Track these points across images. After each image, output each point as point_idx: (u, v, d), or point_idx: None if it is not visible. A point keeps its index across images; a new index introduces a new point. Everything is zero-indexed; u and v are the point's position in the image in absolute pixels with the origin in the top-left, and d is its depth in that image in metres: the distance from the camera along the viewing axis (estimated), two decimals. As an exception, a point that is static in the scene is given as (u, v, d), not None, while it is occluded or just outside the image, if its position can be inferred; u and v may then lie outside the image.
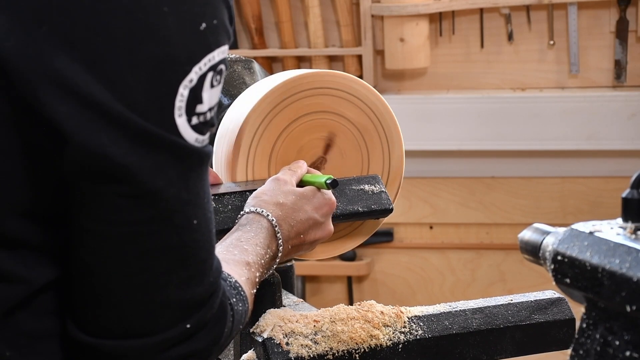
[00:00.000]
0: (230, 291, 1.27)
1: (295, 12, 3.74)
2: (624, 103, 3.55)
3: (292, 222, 1.51)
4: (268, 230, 1.48)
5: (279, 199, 1.52)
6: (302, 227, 1.52)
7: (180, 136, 1.10)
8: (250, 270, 1.38)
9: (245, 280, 1.35)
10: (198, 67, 1.10)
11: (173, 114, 1.09)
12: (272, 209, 1.50)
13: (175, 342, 1.14)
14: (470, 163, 3.73)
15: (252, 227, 1.47)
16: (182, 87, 1.09)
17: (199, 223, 1.13)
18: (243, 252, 1.41)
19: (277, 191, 1.53)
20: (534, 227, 1.30)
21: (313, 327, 1.54)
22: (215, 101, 1.14)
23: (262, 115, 1.67)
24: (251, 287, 1.36)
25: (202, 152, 1.13)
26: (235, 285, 1.30)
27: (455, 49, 3.70)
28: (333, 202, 1.58)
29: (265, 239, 1.46)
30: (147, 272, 1.11)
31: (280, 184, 1.55)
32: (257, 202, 1.51)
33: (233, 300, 1.26)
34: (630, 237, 1.12)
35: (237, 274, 1.34)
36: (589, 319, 1.15)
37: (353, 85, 1.72)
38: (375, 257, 3.86)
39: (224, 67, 1.14)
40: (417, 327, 1.59)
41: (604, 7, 3.57)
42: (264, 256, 1.44)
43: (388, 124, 1.76)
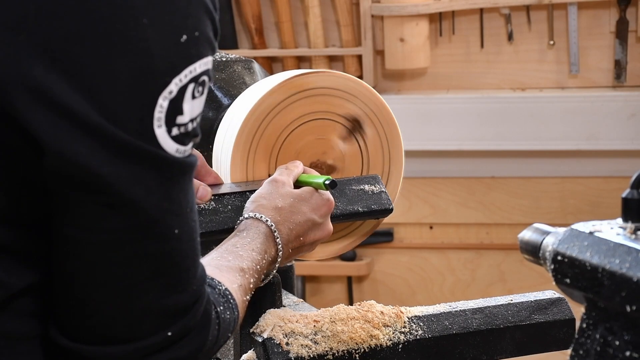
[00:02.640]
0: (218, 299, 1.27)
1: (295, 12, 3.74)
2: (624, 103, 3.55)
3: (291, 226, 1.51)
4: (266, 235, 1.48)
5: (277, 203, 1.51)
6: (301, 229, 1.52)
7: (159, 147, 1.10)
8: (244, 276, 1.38)
9: (237, 287, 1.35)
10: (178, 78, 1.09)
11: (152, 124, 1.09)
12: (270, 214, 1.50)
13: (156, 349, 1.14)
14: (470, 163, 3.73)
15: (249, 233, 1.47)
16: (161, 98, 1.09)
17: (180, 232, 1.14)
18: (237, 258, 1.40)
19: (274, 194, 1.53)
20: (534, 227, 1.30)
21: (313, 327, 1.54)
22: (198, 112, 1.14)
23: (262, 115, 1.67)
24: (244, 293, 1.36)
25: (184, 162, 1.13)
26: (224, 293, 1.30)
27: (455, 49, 3.70)
28: (331, 202, 1.58)
29: (263, 244, 1.46)
30: (127, 279, 1.12)
31: (278, 186, 1.55)
32: (256, 207, 1.51)
33: (220, 309, 1.26)
34: (630, 237, 1.12)
35: (228, 281, 1.33)
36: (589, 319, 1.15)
37: (345, 82, 1.72)
38: (375, 257, 3.86)
39: (206, 78, 1.14)
40: (417, 327, 1.59)
41: (604, 7, 3.57)
42: (260, 262, 1.44)
43: (386, 119, 1.76)
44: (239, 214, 1.58)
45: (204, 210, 1.59)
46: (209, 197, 1.60)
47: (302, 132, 1.70)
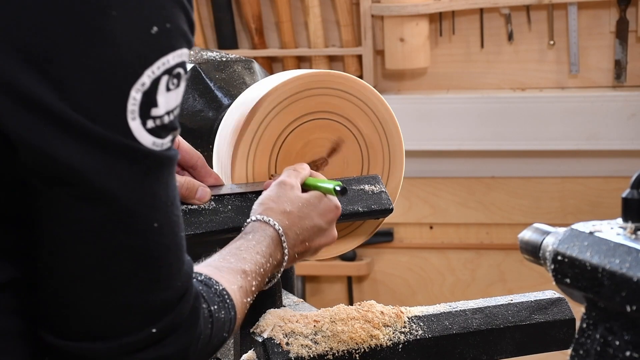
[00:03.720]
0: (213, 298, 1.26)
1: (295, 12, 3.74)
2: (624, 103, 3.55)
3: (298, 231, 1.50)
4: (273, 238, 1.47)
5: (286, 207, 1.50)
6: (308, 235, 1.52)
7: (134, 139, 1.09)
8: (245, 278, 1.37)
9: (237, 288, 1.33)
10: (150, 70, 1.09)
11: (125, 117, 1.08)
12: (279, 218, 1.49)
13: (140, 346, 1.14)
14: (470, 163, 3.73)
15: (255, 236, 1.46)
16: (134, 90, 1.08)
17: (161, 226, 1.13)
18: (240, 260, 1.39)
19: (283, 198, 1.52)
20: (534, 227, 1.30)
21: (313, 327, 1.54)
22: (174, 104, 1.13)
23: (263, 114, 1.67)
24: (244, 295, 1.35)
25: (162, 155, 1.12)
26: (221, 292, 1.28)
27: (455, 49, 3.70)
28: (339, 209, 1.56)
29: (268, 248, 1.45)
30: (105, 273, 1.11)
31: (287, 189, 1.53)
32: (264, 210, 1.50)
33: (214, 307, 1.25)
34: (630, 237, 1.13)
35: (227, 282, 1.32)
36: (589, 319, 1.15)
37: (344, 82, 1.72)
38: (375, 257, 3.86)
39: (181, 71, 1.13)
40: (417, 327, 1.59)
41: (604, 7, 3.57)
42: (263, 265, 1.42)
43: (385, 119, 1.76)
44: (239, 214, 1.58)
45: (204, 210, 1.59)
46: (208, 198, 1.59)
47: (303, 132, 1.70)
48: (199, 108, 1.90)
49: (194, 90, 1.90)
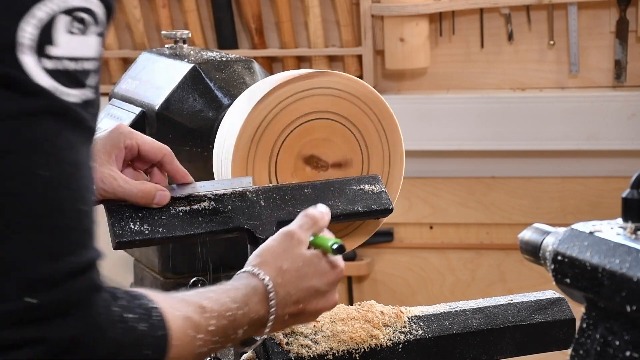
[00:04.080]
0: (133, 308, 1.16)
1: (295, 12, 3.74)
2: (624, 103, 3.55)
3: (292, 290, 1.37)
4: (256, 290, 1.34)
5: (283, 265, 1.37)
6: (303, 296, 1.38)
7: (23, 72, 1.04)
8: (201, 314, 1.25)
9: (181, 316, 1.22)
10: (43, 4, 1.04)
11: (14, 49, 1.03)
12: (272, 274, 1.36)
13: (16, 318, 1.04)
14: (470, 163, 3.73)
15: (234, 283, 1.34)
16: (23, 22, 1.04)
17: (50, 177, 1.05)
18: (201, 296, 1.28)
19: (284, 254, 1.39)
20: (534, 227, 1.30)
21: (313, 327, 1.54)
22: (80, 53, 1.08)
23: (263, 114, 1.67)
24: (192, 327, 1.23)
25: (64, 103, 1.06)
26: (148, 308, 1.18)
27: (455, 49, 3.70)
28: (341, 270, 1.42)
29: (245, 297, 1.32)
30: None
31: (293, 245, 1.40)
32: (259, 263, 1.38)
33: (129, 316, 1.14)
34: (630, 237, 1.13)
35: (168, 306, 1.21)
36: (589, 319, 1.15)
37: (344, 82, 1.72)
38: (375, 257, 3.86)
39: (86, 17, 1.08)
40: (417, 327, 1.59)
41: (604, 7, 3.57)
42: (232, 310, 1.30)
43: (385, 119, 1.76)
44: (239, 214, 1.58)
45: (204, 210, 1.59)
46: (167, 201, 1.55)
47: (303, 132, 1.70)
48: (199, 108, 1.90)
49: (194, 90, 1.91)
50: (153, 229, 1.55)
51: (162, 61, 2.03)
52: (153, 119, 1.91)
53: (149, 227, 1.55)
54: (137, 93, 2.00)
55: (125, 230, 1.54)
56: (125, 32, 3.89)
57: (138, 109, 1.95)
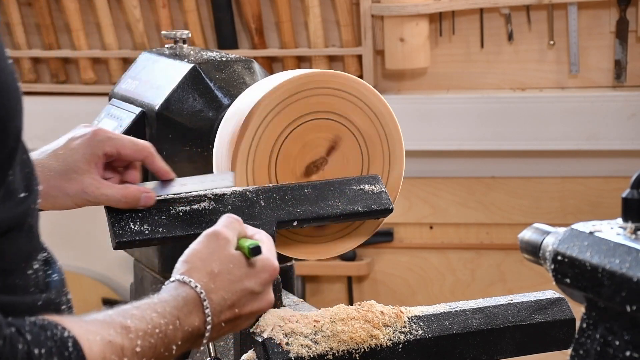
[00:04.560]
0: (44, 341, 1.09)
1: (295, 12, 3.74)
2: (624, 103, 3.55)
3: (225, 295, 1.30)
4: (188, 301, 1.27)
5: (213, 268, 1.30)
6: (236, 299, 1.32)
7: None
8: (126, 335, 1.18)
9: (101, 340, 1.15)
10: None
11: None
12: (203, 280, 1.29)
13: None
14: (470, 163, 3.73)
15: (162, 296, 1.26)
16: None
17: None
18: (124, 316, 1.20)
19: (213, 256, 1.32)
20: (534, 227, 1.30)
21: (313, 327, 1.54)
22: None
23: (263, 114, 1.67)
24: (114, 352, 1.15)
25: None
26: (62, 338, 1.10)
27: (455, 49, 3.70)
28: (274, 269, 1.36)
29: (176, 309, 1.25)
30: None
31: (220, 245, 1.33)
32: (187, 270, 1.30)
33: (38, 351, 1.07)
34: (630, 237, 1.13)
35: (84, 331, 1.13)
36: (589, 319, 1.15)
37: (344, 82, 1.72)
38: (375, 257, 3.86)
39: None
40: (417, 327, 1.59)
41: (604, 7, 3.57)
42: (161, 327, 1.22)
43: (386, 119, 1.76)
44: (239, 214, 1.58)
45: (204, 210, 1.59)
46: (153, 202, 1.55)
47: (303, 132, 1.70)
48: (199, 108, 1.90)
49: (194, 90, 1.90)
50: (153, 229, 1.55)
51: (162, 61, 2.03)
52: (153, 119, 1.91)
53: (149, 227, 1.55)
54: (137, 93, 2.00)
55: (125, 230, 1.54)
56: (125, 32, 3.89)
57: (138, 109, 1.95)
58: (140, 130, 1.94)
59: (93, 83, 3.92)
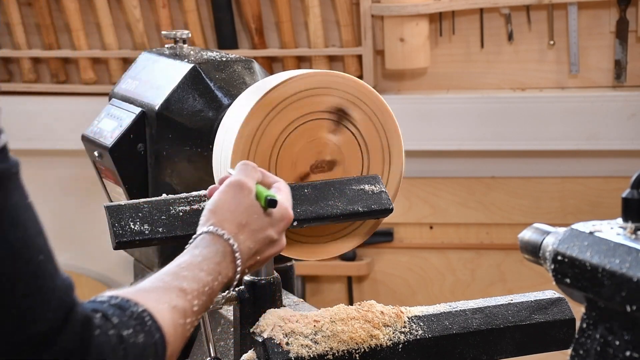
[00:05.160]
0: (128, 322, 1.15)
1: (295, 12, 3.74)
2: (624, 103, 3.55)
3: (250, 245, 1.38)
4: (225, 255, 1.34)
5: (241, 219, 1.37)
6: (259, 247, 1.40)
7: None
8: (184, 297, 1.25)
9: (168, 307, 1.22)
10: None
11: None
12: (235, 231, 1.36)
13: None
14: (470, 163, 3.73)
15: (203, 251, 1.33)
16: None
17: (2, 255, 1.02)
18: (178, 279, 1.27)
19: (240, 207, 1.38)
20: (534, 227, 1.30)
21: (313, 327, 1.54)
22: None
23: (263, 114, 1.67)
24: (180, 316, 1.23)
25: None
26: (139, 315, 1.17)
27: (455, 49, 3.70)
28: (290, 217, 1.44)
29: (218, 265, 1.33)
30: None
31: (244, 194, 1.39)
32: (218, 221, 1.36)
33: (128, 332, 1.14)
34: (630, 237, 1.13)
35: (153, 301, 1.20)
36: (589, 319, 1.15)
37: (344, 82, 1.72)
38: (375, 257, 3.86)
39: None
40: (417, 327, 1.59)
41: (604, 7, 3.57)
42: (209, 283, 1.30)
43: (386, 119, 1.76)
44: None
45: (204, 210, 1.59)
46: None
47: (303, 132, 1.70)
48: (199, 108, 1.90)
49: (194, 90, 1.91)
50: (153, 229, 1.55)
51: (162, 61, 2.03)
52: (153, 119, 1.91)
53: (149, 227, 1.55)
54: (137, 93, 2.00)
55: (125, 230, 1.54)
56: (125, 32, 3.89)
57: (138, 109, 1.95)
58: (140, 130, 1.94)
59: (93, 83, 3.92)
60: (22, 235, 1.03)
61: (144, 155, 1.94)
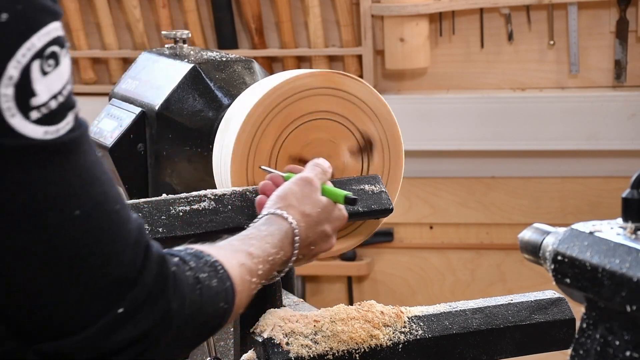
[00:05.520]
0: (202, 267, 1.23)
1: (295, 12, 3.74)
2: (624, 103, 3.55)
3: (310, 234, 1.50)
4: (287, 235, 1.46)
5: (306, 209, 1.50)
6: (316, 239, 1.52)
7: (20, 136, 1.03)
8: (250, 259, 1.35)
9: (237, 264, 1.31)
10: (15, 61, 1.02)
11: (3, 116, 1.02)
12: (298, 217, 1.48)
13: (112, 328, 1.10)
14: (470, 163, 3.73)
15: (269, 228, 1.45)
16: (2, 87, 1.02)
17: (85, 211, 1.08)
18: (246, 244, 1.38)
19: (306, 199, 1.51)
20: (534, 227, 1.30)
21: (313, 327, 1.54)
22: (59, 86, 1.07)
23: (263, 114, 1.67)
24: (247, 273, 1.33)
25: (60, 142, 1.06)
26: (213, 263, 1.25)
27: (455, 49, 3.70)
28: (345, 218, 1.57)
29: (280, 241, 1.44)
30: (49, 274, 1.07)
31: (312, 190, 1.53)
32: (285, 206, 1.49)
33: (203, 275, 1.22)
34: (630, 237, 1.12)
35: (224, 257, 1.29)
36: (589, 319, 1.15)
37: (344, 82, 1.72)
38: (375, 257, 3.86)
39: (56, 48, 1.06)
40: (417, 327, 1.59)
41: (604, 7, 3.57)
42: (272, 255, 1.41)
43: (385, 119, 1.76)
44: (239, 214, 1.58)
45: (204, 210, 1.59)
46: None
47: (303, 132, 1.70)
48: (199, 108, 1.90)
49: (194, 90, 1.90)
50: (153, 229, 1.55)
51: (162, 61, 2.03)
52: (153, 119, 1.91)
53: (148, 227, 1.55)
54: (137, 93, 2.00)
55: (125, 230, 1.54)
56: (125, 32, 3.89)
57: (138, 109, 1.95)
58: (140, 130, 1.94)
59: (93, 83, 3.92)
60: (102, 189, 1.10)
61: (144, 155, 1.94)
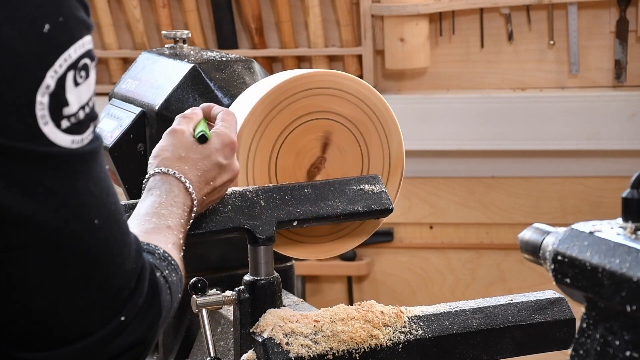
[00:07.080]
0: (161, 263, 1.27)
1: (295, 12, 3.74)
2: (624, 103, 3.55)
3: (198, 173, 1.50)
4: (179, 187, 1.47)
5: (181, 153, 1.51)
6: (210, 175, 1.51)
7: (51, 144, 1.05)
8: (173, 233, 1.38)
9: (172, 246, 1.34)
10: (53, 70, 1.04)
11: (37, 124, 1.04)
12: (176, 165, 1.49)
13: (114, 335, 1.13)
14: (470, 163, 3.73)
15: (162, 190, 1.46)
16: (39, 95, 1.03)
17: (101, 221, 1.10)
18: (161, 217, 1.40)
19: (177, 145, 1.52)
20: (534, 227, 1.30)
21: (313, 327, 1.54)
22: (87, 97, 1.09)
23: (258, 121, 1.67)
24: (178, 251, 1.36)
25: (84, 152, 1.09)
26: (164, 256, 1.29)
27: (455, 49, 3.70)
28: (232, 142, 1.56)
29: (178, 197, 1.45)
30: (59, 281, 1.09)
31: (178, 135, 1.54)
32: (160, 162, 1.50)
33: (166, 272, 1.25)
34: (630, 237, 1.12)
35: (162, 242, 1.32)
36: (589, 319, 1.15)
37: (344, 82, 1.72)
38: (375, 257, 3.86)
39: (88, 61, 1.08)
40: (417, 327, 1.59)
41: (604, 7, 3.57)
42: (182, 215, 1.43)
43: (385, 119, 1.76)
44: (239, 214, 1.58)
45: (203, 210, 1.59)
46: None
47: (299, 134, 1.70)
48: (199, 108, 1.90)
49: (194, 90, 1.90)
50: (153, 229, 1.55)
51: (162, 61, 2.03)
52: (153, 119, 1.91)
53: (149, 227, 1.55)
54: (137, 93, 2.00)
55: (125, 230, 1.54)
56: (125, 32, 3.89)
57: (138, 109, 1.95)
58: (141, 130, 1.94)
59: (93, 83, 3.92)
60: (114, 199, 1.14)
61: (144, 155, 1.94)
